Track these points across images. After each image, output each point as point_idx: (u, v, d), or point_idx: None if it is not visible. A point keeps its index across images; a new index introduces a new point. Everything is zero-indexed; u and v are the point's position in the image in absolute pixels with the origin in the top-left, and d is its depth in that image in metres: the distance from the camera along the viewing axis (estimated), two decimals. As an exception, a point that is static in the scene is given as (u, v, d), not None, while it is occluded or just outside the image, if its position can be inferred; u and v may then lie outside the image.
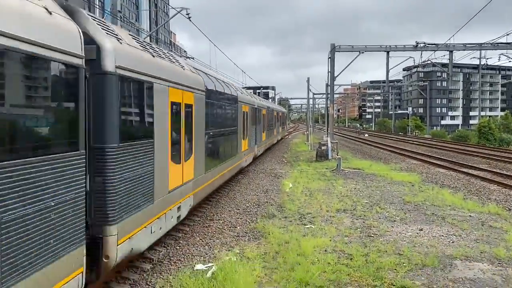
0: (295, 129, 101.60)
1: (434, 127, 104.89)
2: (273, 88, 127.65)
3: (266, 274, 7.40)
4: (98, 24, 6.14)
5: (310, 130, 47.07)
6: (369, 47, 30.22)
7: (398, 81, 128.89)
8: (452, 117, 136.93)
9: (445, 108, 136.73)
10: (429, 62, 39.72)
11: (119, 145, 6.10)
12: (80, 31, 5.32)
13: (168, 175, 8.30)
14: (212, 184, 12.48)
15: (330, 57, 28.59)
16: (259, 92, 58.81)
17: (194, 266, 7.91)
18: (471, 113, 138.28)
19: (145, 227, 7.12)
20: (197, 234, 10.17)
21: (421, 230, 10.45)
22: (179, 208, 9.12)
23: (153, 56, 7.88)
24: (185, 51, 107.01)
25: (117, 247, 6.06)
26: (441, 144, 47.15)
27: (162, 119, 7.97)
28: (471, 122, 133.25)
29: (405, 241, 9.49)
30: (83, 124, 5.30)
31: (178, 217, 9.16)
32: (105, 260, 5.90)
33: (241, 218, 11.76)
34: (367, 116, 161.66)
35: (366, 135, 72.23)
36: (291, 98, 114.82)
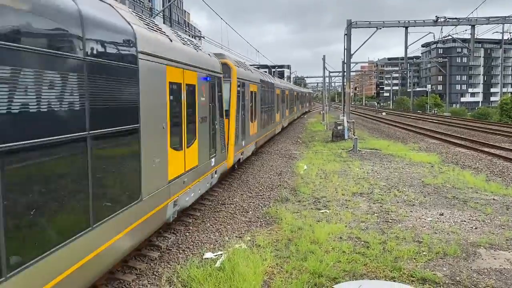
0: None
1: (454, 105, 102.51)
2: (288, 67, 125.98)
3: (277, 263, 7.04)
4: None
5: (326, 109, 46.23)
6: (387, 22, 29.09)
7: (416, 57, 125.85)
8: (472, 94, 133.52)
9: (465, 85, 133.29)
10: (449, 37, 38.27)
11: None
12: None
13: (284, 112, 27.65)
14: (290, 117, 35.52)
15: (346, 34, 27.64)
16: (274, 71, 57.84)
17: (203, 254, 7.61)
18: (492, 90, 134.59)
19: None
20: (208, 220, 9.86)
21: (442, 215, 9.94)
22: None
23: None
24: (199, 31, 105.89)
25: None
26: (461, 122, 45.90)
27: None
28: (492, 99, 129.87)
29: (425, 227, 9.02)
30: None
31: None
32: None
33: (253, 202, 11.41)
34: (385, 94, 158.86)
35: (384, 113, 70.92)
36: (307, 77, 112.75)
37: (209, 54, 11.15)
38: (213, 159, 10.67)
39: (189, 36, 16.51)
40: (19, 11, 3.79)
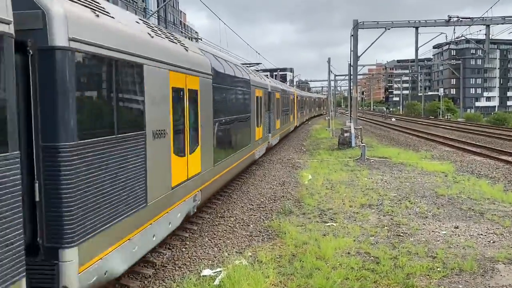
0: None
1: (468, 110, 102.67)
2: (291, 70, 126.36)
3: (281, 281, 7.01)
4: None
5: (332, 115, 46.33)
6: (396, 23, 29.25)
7: (428, 59, 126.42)
8: (488, 98, 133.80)
9: (480, 89, 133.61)
10: (462, 38, 38.41)
11: None
12: None
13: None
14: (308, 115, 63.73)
15: (352, 35, 27.80)
16: (275, 75, 58.13)
17: (201, 271, 7.58)
18: (509, 94, 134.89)
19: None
20: (206, 234, 9.84)
21: (457, 228, 9.92)
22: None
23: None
24: (196, 32, 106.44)
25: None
26: (476, 128, 45.94)
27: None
28: (508, 103, 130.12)
29: (438, 241, 8.99)
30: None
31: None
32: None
33: (254, 215, 11.40)
34: (394, 99, 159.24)
35: (393, 119, 71.04)
36: (311, 81, 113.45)
37: (290, 87, 41.54)
38: (294, 121, 38.08)
39: (186, 37, 16.97)
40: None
